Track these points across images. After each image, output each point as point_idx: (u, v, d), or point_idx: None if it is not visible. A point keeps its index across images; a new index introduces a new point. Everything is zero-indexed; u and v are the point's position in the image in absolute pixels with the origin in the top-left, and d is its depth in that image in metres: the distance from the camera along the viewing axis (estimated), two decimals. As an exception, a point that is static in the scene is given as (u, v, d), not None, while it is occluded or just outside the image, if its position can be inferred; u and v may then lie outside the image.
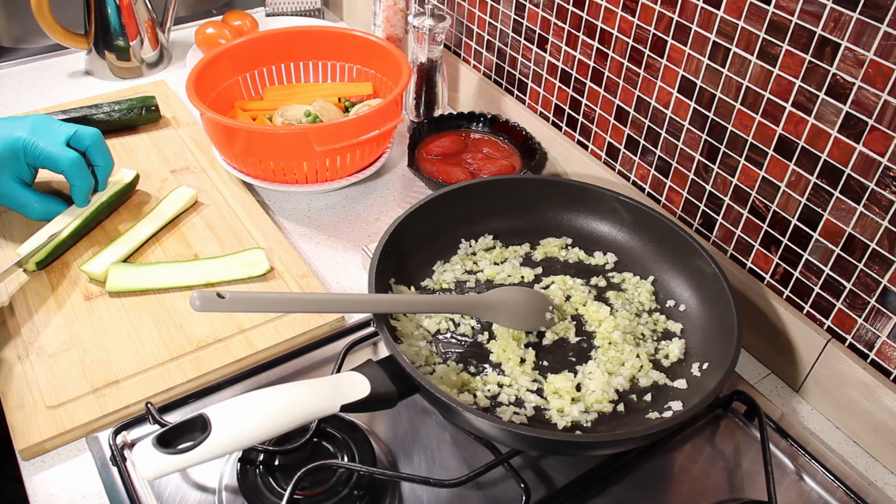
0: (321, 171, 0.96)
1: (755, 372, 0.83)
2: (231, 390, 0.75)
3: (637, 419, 0.69)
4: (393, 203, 1.02)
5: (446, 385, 0.70)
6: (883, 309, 0.71)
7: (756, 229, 0.80)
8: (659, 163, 0.89)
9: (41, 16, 1.16)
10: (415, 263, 0.82)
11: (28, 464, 0.69)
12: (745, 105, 0.76)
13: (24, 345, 0.77)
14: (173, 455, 0.52)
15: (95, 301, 0.82)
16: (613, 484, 0.69)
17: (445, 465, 0.70)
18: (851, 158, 0.68)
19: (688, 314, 0.78)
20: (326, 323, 0.82)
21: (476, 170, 1.01)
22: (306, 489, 0.63)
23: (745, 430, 0.75)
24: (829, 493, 0.70)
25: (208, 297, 0.57)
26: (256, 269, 0.86)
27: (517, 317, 0.75)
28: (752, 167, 0.78)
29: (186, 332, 0.79)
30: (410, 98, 1.13)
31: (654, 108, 0.87)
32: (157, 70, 1.29)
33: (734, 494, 0.69)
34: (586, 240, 0.87)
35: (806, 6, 0.67)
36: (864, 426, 0.75)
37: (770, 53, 0.72)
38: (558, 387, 0.71)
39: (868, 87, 0.65)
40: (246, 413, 0.56)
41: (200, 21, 1.35)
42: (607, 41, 0.90)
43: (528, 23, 1.02)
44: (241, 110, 1.08)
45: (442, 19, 1.04)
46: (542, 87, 1.04)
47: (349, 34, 1.12)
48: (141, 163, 1.04)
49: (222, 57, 1.06)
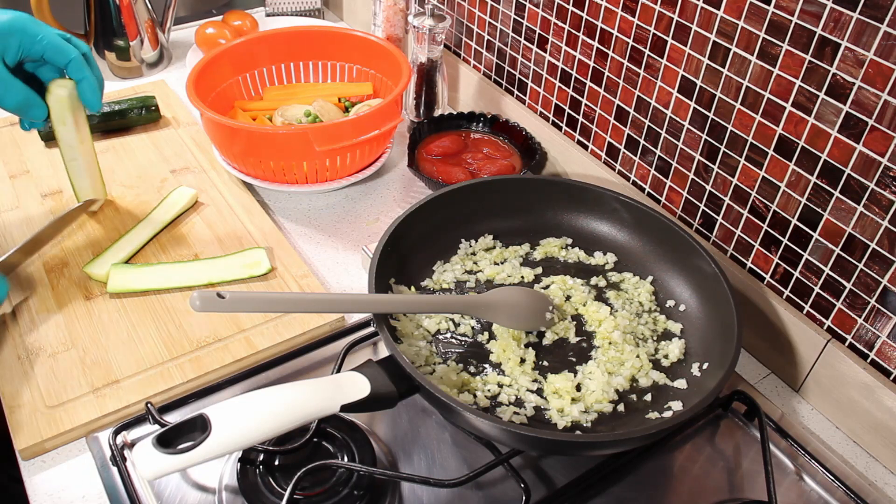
0: (321, 171, 0.96)
1: (755, 372, 0.83)
2: (231, 390, 0.75)
3: (637, 419, 0.69)
4: (393, 203, 1.02)
5: (446, 385, 0.70)
6: (883, 309, 0.71)
7: (756, 229, 0.80)
8: (659, 163, 0.89)
9: (41, 16, 1.16)
10: (415, 263, 0.82)
11: (28, 464, 0.69)
12: (745, 105, 0.76)
13: (24, 345, 0.77)
14: (173, 455, 0.52)
15: (95, 301, 0.82)
16: (613, 484, 0.69)
17: (445, 465, 0.70)
18: (851, 158, 0.68)
19: (688, 314, 0.78)
20: (326, 323, 0.82)
21: (476, 170, 1.01)
22: (306, 489, 0.63)
23: (745, 430, 0.75)
24: (829, 493, 0.70)
25: (208, 298, 0.57)
26: (258, 268, 0.86)
27: (517, 317, 0.75)
28: (752, 167, 0.78)
29: (186, 332, 0.79)
30: (410, 98, 1.13)
31: (654, 108, 0.87)
32: (157, 70, 1.29)
33: (734, 494, 0.69)
34: (586, 240, 0.87)
35: (806, 6, 0.67)
36: (864, 426, 0.75)
37: (770, 53, 0.72)
38: (558, 387, 0.71)
39: (868, 87, 0.65)
40: (246, 413, 0.56)
41: (200, 21, 1.35)
42: (607, 41, 0.90)
43: (528, 23, 1.02)
44: (241, 110, 1.08)
45: (442, 19, 1.04)
46: (542, 87, 1.04)
47: (349, 34, 1.12)
48: (141, 163, 1.04)
49: (222, 57, 1.06)
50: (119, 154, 1.06)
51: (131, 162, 1.04)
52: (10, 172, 1.01)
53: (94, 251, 0.89)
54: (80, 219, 0.93)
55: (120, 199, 0.97)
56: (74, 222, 0.91)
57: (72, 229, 0.92)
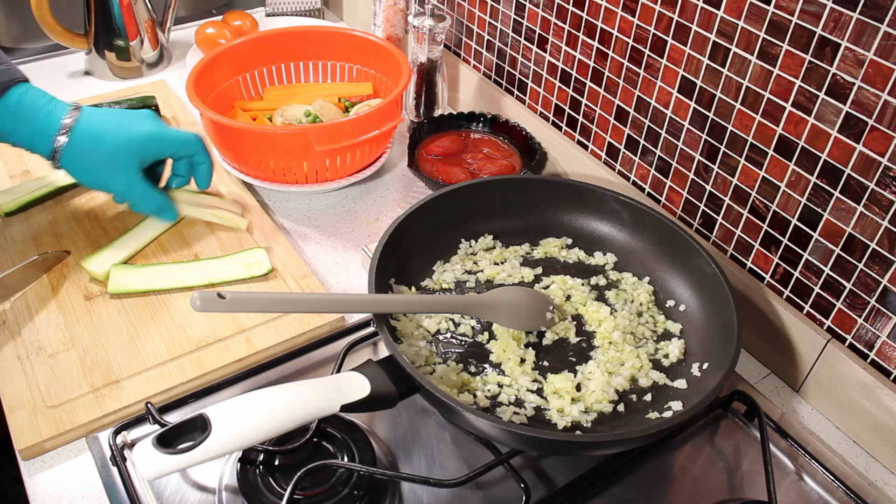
0: (321, 171, 0.96)
1: (755, 372, 0.83)
2: (231, 390, 0.75)
3: (637, 419, 0.69)
4: (393, 203, 1.02)
5: (446, 385, 0.70)
6: (883, 309, 0.71)
7: (756, 229, 0.80)
8: (659, 163, 0.89)
9: (41, 16, 1.16)
10: (415, 263, 0.82)
11: (28, 464, 0.69)
12: (745, 105, 0.76)
13: (24, 345, 0.77)
14: (173, 455, 0.52)
15: (95, 301, 0.82)
16: (613, 484, 0.69)
17: (445, 465, 0.70)
18: (851, 158, 0.68)
19: (688, 314, 0.78)
20: (326, 323, 0.82)
21: (476, 170, 1.01)
22: (306, 489, 0.63)
23: (745, 430, 0.75)
24: (829, 493, 0.70)
25: (209, 298, 0.57)
26: (258, 268, 0.86)
27: (518, 317, 0.75)
28: (752, 167, 0.78)
29: (186, 332, 0.79)
30: (410, 98, 1.13)
31: (654, 108, 0.87)
32: (157, 70, 1.29)
33: (734, 494, 0.69)
34: (586, 240, 0.87)
35: (806, 6, 0.67)
36: (864, 426, 0.75)
37: (770, 53, 0.72)
38: (558, 387, 0.71)
39: (868, 87, 0.65)
40: (246, 413, 0.56)
41: (200, 21, 1.35)
42: (607, 41, 0.90)
43: (528, 23, 1.02)
44: (241, 110, 1.08)
45: (442, 19, 1.04)
46: (542, 87, 1.04)
47: (349, 34, 1.12)
48: (141, 163, 1.04)
49: (222, 57, 1.06)
50: (119, 154, 1.06)
51: (131, 162, 1.04)
52: (10, 172, 1.01)
53: (94, 250, 0.88)
54: (80, 218, 0.93)
55: (120, 199, 0.97)
56: (45, 275, 0.86)
57: (71, 227, 0.92)
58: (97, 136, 0.82)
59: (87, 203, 0.96)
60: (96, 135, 0.82)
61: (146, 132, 0.85)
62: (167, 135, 0.87)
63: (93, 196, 0.97)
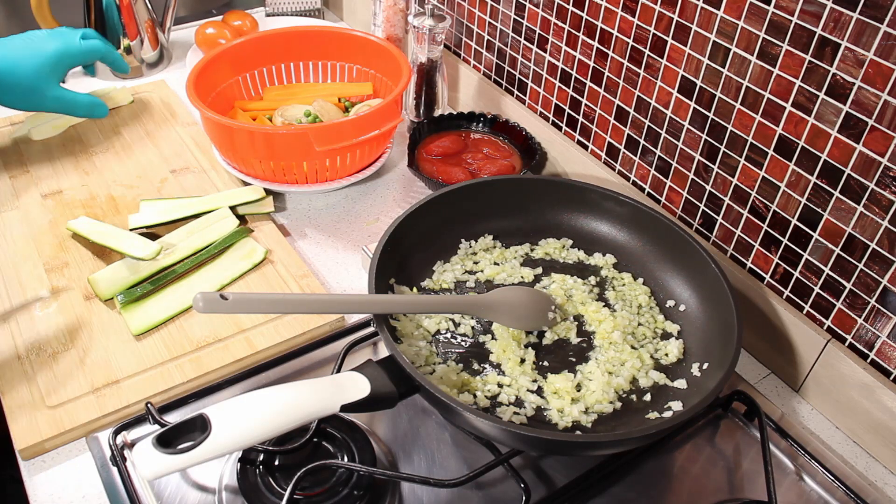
0: (321, 171, 0.96)
1: (755, 372, 0.83)
2: (231, 390, 0.75)
3: (637, 419, 0.69)
4: (393, 203, 1.02)
5: (446, 385, 0.70)
6: (883, 309, 0.71)
7: (756, 229, 0.80)
8: (659, 163, 0.89)
9: (41, 16, 1.16)
10: (415, 263, 0.82)
11: (28, 464, 0.69)
12: (745, 105, 0.76)
13: (24, 345, 0.77)
14: (173, 455, 0.52)
15: (95, 301, 0.82)
16: (613, 484, 0.69)
17: (445, 465, 0.70)
18: (851, 158, 0.68)
19: (688, 314, 0.78)
20: (326, 323, 0.82)
21: (476, 170, 1.01)
22: (306, 489, 0.63)
23: (745, 430, 0.75)
24: (829, 493, 0.70)
25: (212, 299, 0.57)
26: (256, 255, 0.87)
27: (520, 316, 0.75)
28: (752, 167, 0.78)
29: (186, 332, 0.79)
30: (410, 98, 1.13)
31: (654, 108, 0.87)
32: (157, 70, 1.29)
33: (734, 494, 0.69)
34: (586, 240, 0.87)
35: (806, 6, 0.67)
36: (864, 426, 0.75)
37: (770, 53, 0.72)
38: (558, 387, 0.71)
39: (868, 87, 0.65)
40: (246, 413, 0.56)
41: (200, 21, 1.35)
42: (607, 41, 0.90)
43: (528, 23, 1.02)
44: (241, 110, 1.08)
45: (442, 19, 1.04)
46: (542, 87, 1.04)
47: (349, 34, 1.12)
48: (141, 162, 1.04)
49: (222, 57, 1.06)
50: (119, 154, 1.06)
51: (131, 162, 1.04)
52: (10, 173, 1.01)
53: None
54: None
55: (120, 199, 0.97)
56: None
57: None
58: (12, 69, 0.91)
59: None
60: (11, 68, 0.91)
61: (55, 51, 0.95)
62: (74, 48, 0.98)
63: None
